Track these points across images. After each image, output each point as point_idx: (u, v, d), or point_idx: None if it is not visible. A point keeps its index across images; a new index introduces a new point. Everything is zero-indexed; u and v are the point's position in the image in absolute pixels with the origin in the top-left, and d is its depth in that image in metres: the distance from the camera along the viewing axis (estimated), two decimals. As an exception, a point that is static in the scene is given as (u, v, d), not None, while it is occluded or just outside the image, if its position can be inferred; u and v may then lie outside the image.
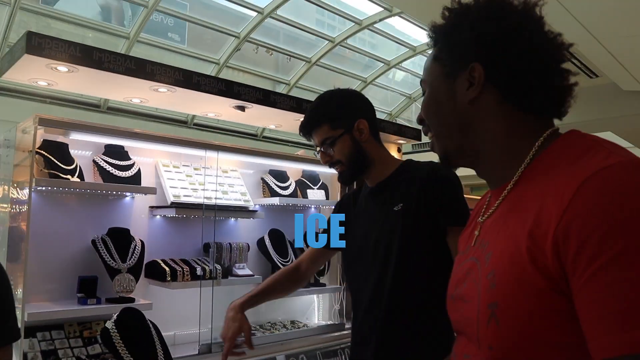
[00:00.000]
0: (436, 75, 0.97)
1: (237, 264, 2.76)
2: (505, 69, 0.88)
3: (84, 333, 2.31)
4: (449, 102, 0.94)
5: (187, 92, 2.90)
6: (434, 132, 1.00)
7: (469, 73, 0.90)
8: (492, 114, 0.90)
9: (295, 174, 3.21)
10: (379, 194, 1.87)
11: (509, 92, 0.89)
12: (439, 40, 0.98)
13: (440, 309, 1.80)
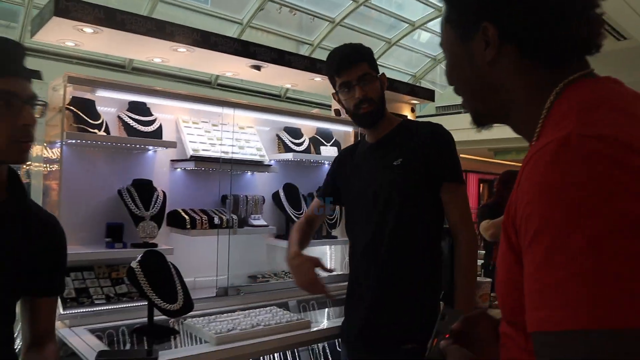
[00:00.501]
0: (451, 39, 0.95)
1: (253, 215, 2.94)
2: (516, 24, 0.84)
3: (111, 274, 2.52)
4: (469, 66, 0.92)
5: (205, 52, 3.04)
6: (463, 96, 0.98)
7: (482, 33, 0.87)
8: (513, 72, 0.87)
9: (309, 131, 3.35)
10: (378, 149, 2.01)
11: (526, 48, 0.85)
12: (448, 1, 0.94)
13: (434, 256, 1.96)
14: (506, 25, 0.85)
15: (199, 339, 2.11)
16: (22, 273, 1.36)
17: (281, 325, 2.21)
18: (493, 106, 0.93)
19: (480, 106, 0.96)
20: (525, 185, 0.72)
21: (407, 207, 1.91)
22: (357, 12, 11.51)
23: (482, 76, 0.90)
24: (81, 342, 1.99)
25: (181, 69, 10.35)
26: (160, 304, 2.08)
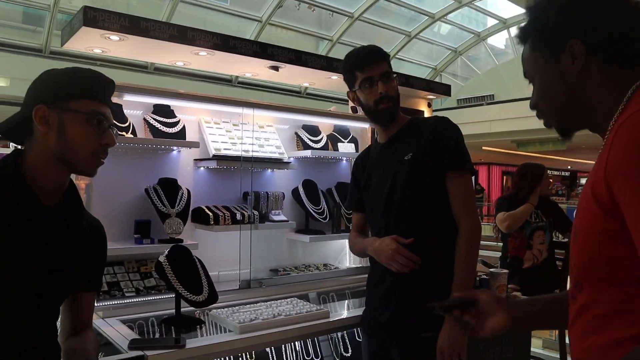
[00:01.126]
0: (539, 63, 1.11)
1: (273, 211, 3.05)
2: (599, 35, 1.01)
3: (140, 269, 2.67)
4: (560, 81, 1.07)
5: (225, 55, 3.16)
6: (550, 112, 1.14)
7: (569, 50, 1.04)
8: (597, 78, 1.04)
9: (327, 128, 3.45)
10: (390, 146, 2.09)
11: (607, 54, 1.02)
12: (530, 34, 1.12)
13: (450, 247, 2.01)
14: (590, 40, 1.02)
15: (223, 329, 2.23)
16: (73, 273, 1.48)
17: (301, 315, 2.32)
18: (580, 112, 1.08)
19: (569, 116, 1.11)
20: (622, 144, 0.89)
21: (420, 199, 1.98)
22: (376, 6, 11.52)
23: (572, 87, 1.06)
24: (114, 331, 2.13)
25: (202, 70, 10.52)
26: (187, 296, 2.21)
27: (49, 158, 1.37)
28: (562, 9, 1.05)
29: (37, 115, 1.33)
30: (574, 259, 1.04)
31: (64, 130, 1.35)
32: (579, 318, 1.04)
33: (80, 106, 1.36)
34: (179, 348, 1.93)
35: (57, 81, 1.37)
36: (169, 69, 10.09)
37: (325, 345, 3.05)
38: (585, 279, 1.01)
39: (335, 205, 3.28)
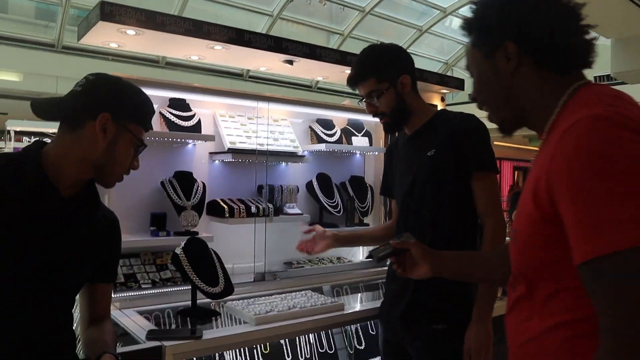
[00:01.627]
0: (478, 58, 1.18)
1: (288, 204, 3.07)
2: (531, 40, 1.08)
3: (156, 261, 2.69)
4: (494, 77, 1.15)
5: (239, 49, 3.17)
6: (489, 107, 1.21)
7: (504, 50, 1.11)
8: (530, 79, 1.11)
9: (340, 122, 3.45)
10: (414, 140, 2.08)
11: (540, 58, 1.09)
12: (472, 30, 1.18)
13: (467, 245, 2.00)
14: (523, 42, 1.09)
15: (238, 320, 2.25)
16: (88, 263, 1.51)
17: (316, 308, 2.33)
18: (516, 110, 1.16)
19: (505, 113, 1.18)
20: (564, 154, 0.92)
21: (440, 196, 1.96)
22: (387, 0, 11.48)
23: (505, 85, 1.14)
24: (131, 322, 2.15)
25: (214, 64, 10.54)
26: (203, 287, 2.23)
27: (84, 159, 1.40)
28: (501, 10, 1.11)
29: (101, 122, 1.37)
30: (513, 255, 1.11)
31: (115, 145, 1.41)
32: (517, 306, 1.13)
33: (136, 131, 1.45)
34: (195, 339, 1.95)
35: (128, 99, 1.45)
36: (180, 63, 10.12)
37: (339, 337, 3.07)
38: (522, 273, 1.09)
39: (349, 199, 3.28)
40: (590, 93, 1.04)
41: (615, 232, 0.84)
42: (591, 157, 0.89)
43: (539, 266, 1.04)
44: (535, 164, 1.05)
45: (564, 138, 0.94)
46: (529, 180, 1.05)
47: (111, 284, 1.69)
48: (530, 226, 1.02)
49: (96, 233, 1.52)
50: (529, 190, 1.02)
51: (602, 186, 0.86)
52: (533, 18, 1.08)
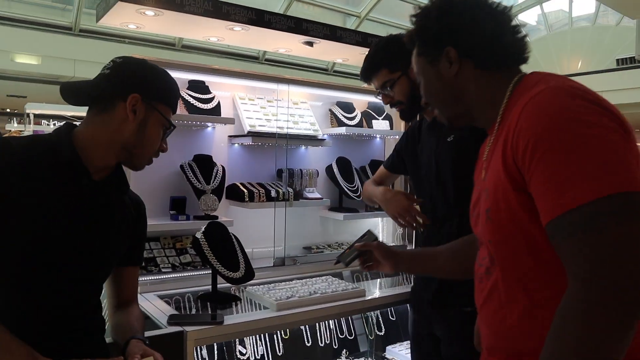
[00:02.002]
0: (423, 66, 1.28)
1: (308, 188, 3.03)
2: (468, 44, 1.19)
3: (176, 245, 2.67)
4: (440, 81, 1.25)
5: (259, 30, 3.11)
6: (436, 107, 1.32)
7: (446, 55, 1.21)
8: (472, 79, 1.21)
9: (361, 105, 3.39)
10: (434, 127, 2.04)
11: (477, 59, 1.20)
12: (415, 40, 1.29)
13: None
14: (462, 46, 1.19)
15: (258, 305, 2.23)
16: (118, 247, 1.51)
17: (337, 293, 2.30)
18: (461, 109, 1.26)
19: (450, 112, 1.29)
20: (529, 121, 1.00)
21: (461, 181, 1.93)
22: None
23: (450, 87, 1.24)
24: (152, 306, 2.14)
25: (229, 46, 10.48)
26: (224, 272, 2.21)
27: (114, 141, 1.39)
28: (438, 20, 1.21)
29: (131, 102, 1.37)
30: (488, 236, 1.15)
31: (145, 126, 1.41)
32: (495, 291, 1.17)
33: (165, 111, 1.45)
34: (217, 324, 1.93)
35: (157, 80, 1.45)
36: (196, 46, 10.08)
37: (359, 323, 3.04)
38: (501, 252, 1.13)
39: (369, 183, 3.23)
40: (535, 77, 1.14)
41: (582, 185, 0.90)
42: (553, 121, 0.97)
43: (518, 238, 1.07)
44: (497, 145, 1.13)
45: (527, 108, 1.02)
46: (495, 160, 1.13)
47: (138, 267, 1.68)
48: (504, 198, 1.07)
49: (124, 216, 1.52)
50: (498, 168, 1.09)
51: (566, 146, 0.94)
52: (468, 24, 1.19)
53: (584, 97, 0.99)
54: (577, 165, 0.91)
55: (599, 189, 0.89)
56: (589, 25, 14.98)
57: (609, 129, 0.95)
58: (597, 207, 0.89)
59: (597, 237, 0.89)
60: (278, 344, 2.67)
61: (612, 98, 1.14)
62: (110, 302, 1.62)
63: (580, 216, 0.90)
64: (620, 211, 0.88)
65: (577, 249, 0.91)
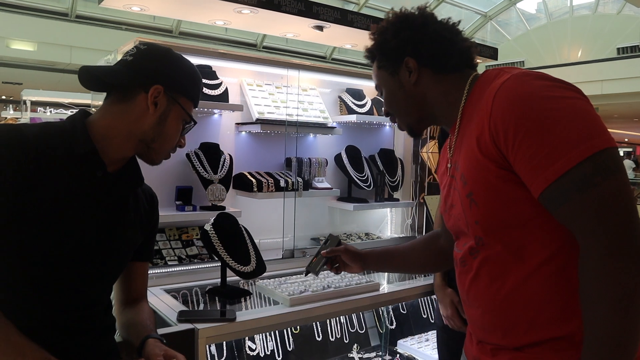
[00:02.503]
0: (384, 78, 1.37)
1: (317, 178, 2.93)
2: (426, 52, 1.30)
3: (182, 236, 2.58)
4: (402, 91, 1.34)
5: (268, 13, 2.99)
6: (398, 117, 1.40)
7: (405, 66, 1.32)
8: (431, 85, 1.32)
9: (371, 92, 3.29)
10: None
11: (434, 65, 1.31)
12: (375, 55, 1.38)
13: None
14: (422, 56, 1.31)
15: (270, 300, 2.14)
16: (132, 242, 1.43)
17: (351, 288, 2.22)
18: (423, 113, 1.36)
19: (412, 119, 1.38)
20: (503, 106, 1.09)
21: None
22: (406, -32, 11.15)
23: (412, 95, 1.33)
24: (159, 301, 2.05)
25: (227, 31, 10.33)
26: (234, 266, 2.12)
27: (132, 133, 1.31)
28: (396, 34, 1.32)
29: (153, 94, 1.29)
30: (474, 218, 1.20)
31: (165, 119, 1.33)
32: (483, 268, 1.22)
33: (187, 106, 1.37)
34: (229, 321, 1.84)
35: (180, 71, 1.36)
36: (194, 33, 9.93)
37: (369, 316, 2.96)
38: (490, 231, 1.18)
39: (379, 173, 3.14)
40: (492, 72, 1.23)
41: (566, 152, 1.00)
42: (527, 102, 1.06)
43: (506, 214, 1.14)
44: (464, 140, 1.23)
45: (499, 94, 1.10)
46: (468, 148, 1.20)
47: (148, 263, 1.60)
48: (487, 179, 1.14)
49: (139, 210, 1.44)
50: (475, 153, 1.16)
51: (544, 122, 1.03)
52: (424, 35, 1.30)
53: (547, 78, 1.11)
54: (557, 136, 1.01)
55: (581, 152, 0.99)
56: (589, 13, 14.85)
57: (575, 99, 1.06)
58: (584, 169, 0.99)
59: (591, 194, 0.99)
60: (288, 339, 2.59)
61: (612, 87, 1.19)
62: (119, 299, 1.54)
63: (570, 180, 1.00)
64: (604, 166, 0.99)
65: (578, 210, 1.01)
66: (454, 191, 1.28)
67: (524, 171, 1.07)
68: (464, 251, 1.29)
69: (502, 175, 1.12)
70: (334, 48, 11.24)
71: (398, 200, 3.28)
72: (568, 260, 1.09)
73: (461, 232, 1.31)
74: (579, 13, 15.17)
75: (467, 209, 1.22)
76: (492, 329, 1.24)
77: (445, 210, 1.38)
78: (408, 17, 1.33)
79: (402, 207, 3.36)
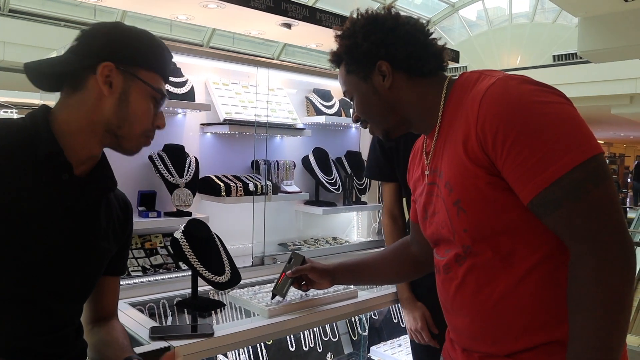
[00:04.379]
0: (355, 83, 1.29)
1: (285, 181, 2.82)
2: (400, 55, 1.23)
3: (145, 245, 2.41)
4: (375, 96, 1.27)
5: (235, 9, 2.86)
6: (372, 123, 1.34)
7: (378, 70, 1.25)
8: (406, 89, 1.26)
9: (338, 93, 3.20)
10: None
11: (410, 69, 1.24)
12: (342, 59, 1.30)
13: None
14: (396, 59, 1.24)
15: (246, 312, 2.01)
16: (105, 255, 1.28)
17: (330, 295, 2.12)
18: (398, 119, 1.30)
19: (388, 125, 1.32)
20: (489, 115, 1.06)
21: None
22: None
23: (386, 100, 1.27)
24: (127, 317, 1.88)
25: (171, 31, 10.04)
26: (208, 276, 1.98)
27: (94, 124, 1.15)
28: (367, 37, 1.24)
29: (103, 73, 1.13)
30: (462, 226, 1.16)
31: (127, 100, 1.16)
32: (470, 275, 1.19)
33: (150, 79, 1.19)
34: (207, 337, 1.70)
35: (132, 42, 1.18)
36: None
37: (342, 324, 2.87)
38: (479, 238, 1.15)
39: (347, 176, 3.06)
40: (473, 75, 1.20)
41: (557, 160, 0.99)
42: (515, 107, 1.04)
43: (495, 220, 1.12)
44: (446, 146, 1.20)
45: (485, 100, 1.08)
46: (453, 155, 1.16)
47: (119, 277, 1.44)
48: (476, 185, 1.11)
49: (112, 219, 1.29)
50: (461, 160, 1.13)
51: (533, 127, 1.02)
52: (395, 37, 1.23)
53: (531, 82, 1.09)
54: (548, 142, 1.00)
55: (572, 159, 0.99)
56: (527, 22, 15.38)
57: (562, 104, 1.05)
58: (574, 176, 0.99)
59: (583, 202, 0.99)
60: (261, 351, 2.46)
61: None
62: (87, 316, 1.37)
63: (562, 187, 1.00)
64: (594, 173, 0.99)
65: (571, 217, 1.00)
66: (437, 199, 1.24)
67: (514, 177, 1.05)
68: (449, 258, 1.24)
69: (492, 182, 1.10)
70: (282, 49, 11.12)
71: (366, 203, 3.21)
72: (557, 264, 1.08)
73: (444, 239, 1.26)
74: (518, 21, 15.70)
75: (454, 217, 1.18)
76: (481, 336, 1.20)
77: (426, 218, 1.32)
78: (378, 18, 1.27)
79: (368, 211, 3.29)
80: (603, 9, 6.94)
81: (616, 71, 11.28)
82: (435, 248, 1.34)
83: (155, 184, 2.41)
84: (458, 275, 1.22)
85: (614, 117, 14.64)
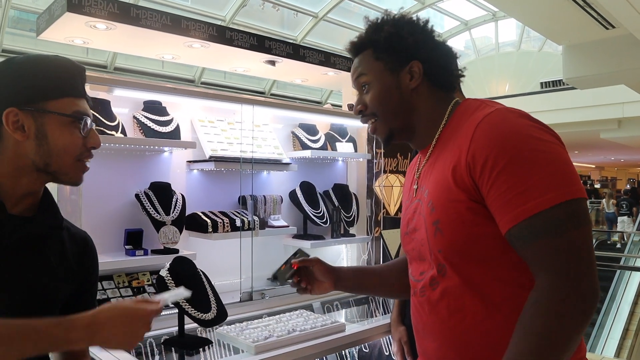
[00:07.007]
0: (380, 71, 1.29)
1: (272, 216, 2.83)
2: (435, 62, 1.26)
3: (132, 283, 2.40)
4: (397, 91, 1.28)
5: (220, 48, 2.91)
6: (382, 118, 1.31)
7: (409, 68, 1.26)
8: (425, 97, 1.28)
9: (324, 127, 3.25)
10: None
11: (436, 79, 1.27)
12: (371, 46, 1.30)
13: None
14: (428, 64, 1.26)
15: (233, 349, 2.01)
16: (55, 296, 1.23)
17: (318, 330, 2.12)
18: (407, 123, 1.30)
19: (396, 124, 1.31)
20: (482, 142, 1.09)
21: None
22: (340, 6, 11.39)
23: (406, 99, 1.28)
24: (111, 357, 1.87)
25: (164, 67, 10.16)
26: (194, 314, 1.98)
27: (22, 167, 1.14)
28: (413, 34, 1.26)
29: (9, 121, 1.10)
30: (438, 246, 1.18)
31: (44, 137, 1.13)
32: (443, 300, 1.20)
33: (61, 106, 1.14)
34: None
35: (27, 77, 1.13)
36: (129, 68, 9.69)
37: (332, 356, 2.85)
38: (453, 262, 1.17)
39: (335, 209, 3.08)
40: (474, 102, 1.24)
41: (541, 194, 1.02)
42: (509, 138, 1.07)
43: (473, 246, 1.13)
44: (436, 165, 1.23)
45: (481, 127, 1.11)
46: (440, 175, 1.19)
47: None
48: (457, 209, 1.13)
49: (63, 257, 1.24)
50: (447, 181, 1.15)
51: (524, 160, 1.04)
52: (436, 45, 1.28)
53: (529, 118, 1.12)
54: (535, 176, 1.03)
55: (556, 196, 1.01)
56: (514, 50, 15.66)
57: (555, 144, 1.08)
58: (556, 213, 1.01)
59: (560, 239, 1.01)
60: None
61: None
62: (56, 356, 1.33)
63: (541, 221, 1.02)
64: (575, 215, 1.02)
65: (544, 250, 1.02)
66: (419, 216, 1.26)
67: (496, 204, 1.07)
68: (425, 281, 1.25)
69: (473, 208, 1.11)
70: (273, 83, 11.25)
71: (354, 235, 3.22)
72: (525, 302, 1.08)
73: (421, 257, 1.27)
74: (505, 50, 15.98)
75: (431, 236, 1.20)
76: None
77: (407, 233, 1.33)
78: (419, 23, 1.30)
79: (357, 243, 3.31)
80: (585, 37, 7.10)
81: (603, 96, 11.44)
82: (410, 266, 1.35)
83: (142, 221, 2.42)
84: (431, 299, 1.23)
85: (604, 141, 14.80)
